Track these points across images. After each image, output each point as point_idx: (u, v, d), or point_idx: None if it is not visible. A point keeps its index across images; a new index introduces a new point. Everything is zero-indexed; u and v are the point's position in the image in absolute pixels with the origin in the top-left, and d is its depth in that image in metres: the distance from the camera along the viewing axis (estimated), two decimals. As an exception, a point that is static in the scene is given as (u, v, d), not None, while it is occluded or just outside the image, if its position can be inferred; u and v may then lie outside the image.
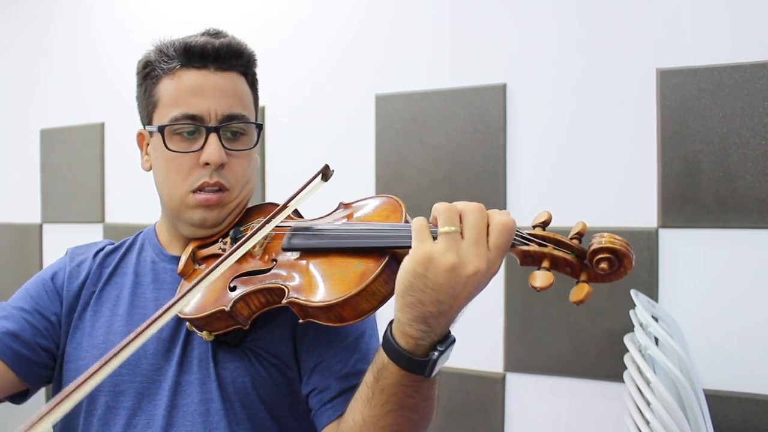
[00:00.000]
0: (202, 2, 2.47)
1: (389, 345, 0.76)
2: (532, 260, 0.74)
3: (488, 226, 0.73)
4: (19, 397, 1.03)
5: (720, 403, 1.68)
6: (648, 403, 1.41)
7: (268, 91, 2.30)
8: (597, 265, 0.71)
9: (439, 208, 0.74)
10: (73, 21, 2.77)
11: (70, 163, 2.73)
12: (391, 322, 0.78)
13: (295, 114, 2.29)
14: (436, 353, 0.74)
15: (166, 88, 1.00)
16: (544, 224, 0.76)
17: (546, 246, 0.74)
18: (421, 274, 0.71)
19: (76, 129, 2.72)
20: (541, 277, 0.71)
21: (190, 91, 0.98)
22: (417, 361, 0.74)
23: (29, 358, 0.99)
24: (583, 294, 0.70)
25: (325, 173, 0.94)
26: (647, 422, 1.40)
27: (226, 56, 1.00)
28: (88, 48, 2.72)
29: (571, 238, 0.74)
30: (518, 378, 1.94)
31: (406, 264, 0.72)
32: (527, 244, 0.74)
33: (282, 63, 2.29)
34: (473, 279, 0.71)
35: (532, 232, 0.75)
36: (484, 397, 1.96)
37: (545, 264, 0.73)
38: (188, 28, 1.06)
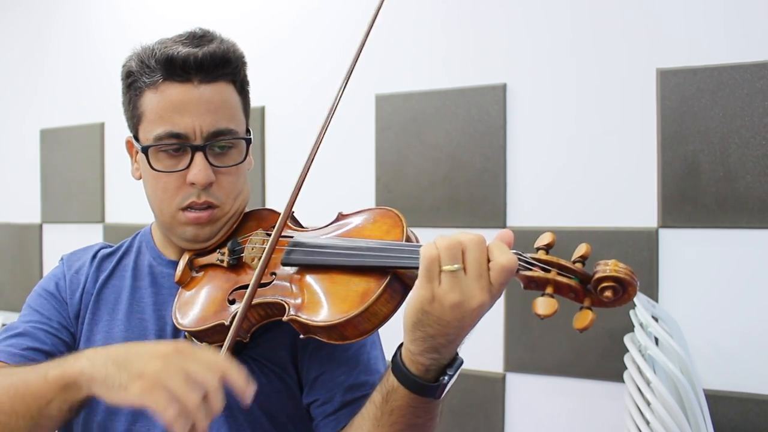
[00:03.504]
0: (202, 2, 2.47)
1: (400, 372, 0.77)
2: (535, 285, 0.74)
3: (489, 261, 0.72)
4: None
5: (720, 403, 1.67)
6: (648, 403, 1.41)
7: (267, 92, 2.31)
8: (601, 293, 0.71)
9: (441, 244, 0.73)
10: (74, 21, 2.77)
11: (70, 163, 2.73)
12: (399, 347, 0.78)
13: (294, 114, 2.29)
14: (446, 378, 0.76)
15: (150, 102, 0.95)
16: (548, 247, 0.75)
17: (550, 271, 0.73)
18: (428, 312, 0.72)
19: (76, 129, 2.72)
20: (544, 305, 0.70)
21: (173, 107, 0.93)
22: (428, 386, 0.76)
23: None
24: (587, 321, 0.70)
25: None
26: (647, 422, 1.40)
27: (211, 66, 0.94)
28: (88, 48, 2.72)
29: (575, 262, 0.73)
30: (518, 378, 1.94)
31: (413, 303, 0.73)
32: (531, 269, 0.73)
33: (281, 63, 2.29)
34: (478, 311, 0.72)
35: (536, 256, 0.74)
36: (484, 397, 1.96)
37: (549, 290, 0.72)
38: (188, 27, 1.04)
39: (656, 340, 1.50)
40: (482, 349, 1.95)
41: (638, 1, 1.81)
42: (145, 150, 0.96)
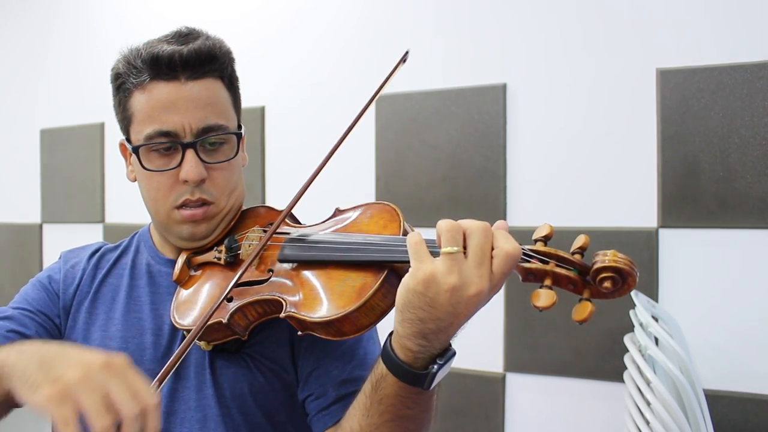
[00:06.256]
0: (202, 2, 2.47)
1: (388, 357, 0.75)
2: (534, 277, 0.73)
3: (492, 249, 0.71)
4: None
5: (720, 403, 1.67)
6: (648, 403, 1.41)
7: (267, 92, 2.31)
8: (600, 284, 0.70)
9: (442, 226, 0.72)
10: (74, 21, 2.77)
11: (70, 163, 2.73)
12: (391, 333, 0.77)
13: (294, 114, 2.29)
14: (435, 366, 0.73)
15: (138, 102, 0.95)
16: (546, 239, 0.74)
17: (548, 263, 0.72)
18: (421, 293, 0.70)
19: (76, 129, 2.72)
20: (543, 297, 0.69)
21: (161, 106, 0.93)
22: (416, 374, 0.74)
23: None
24: (587, 313, 0.69)
25: (405, 58, 0.99)
26: (647, 422, 1.40)
27: (197, 63, 0.94)
28: (88, 48, 2.72)
29: (573, 253, 0.72)
30: (518, 378, 1.94)
31: (407, 282, 0.72)
32: (529, 261, 0.72)
33: (281, 63, 2.29)
34: (475, 299, 0.70)
35: (534, 248, 0.73)
36: (484, 397, 1.96)
37: (547, 282, 0.71)
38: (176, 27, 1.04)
39: (656, 340, 1.50)
40: (482, 349, 1.95)
41: (638, 1, 1.81)
42: (136, 150, 0.96)
